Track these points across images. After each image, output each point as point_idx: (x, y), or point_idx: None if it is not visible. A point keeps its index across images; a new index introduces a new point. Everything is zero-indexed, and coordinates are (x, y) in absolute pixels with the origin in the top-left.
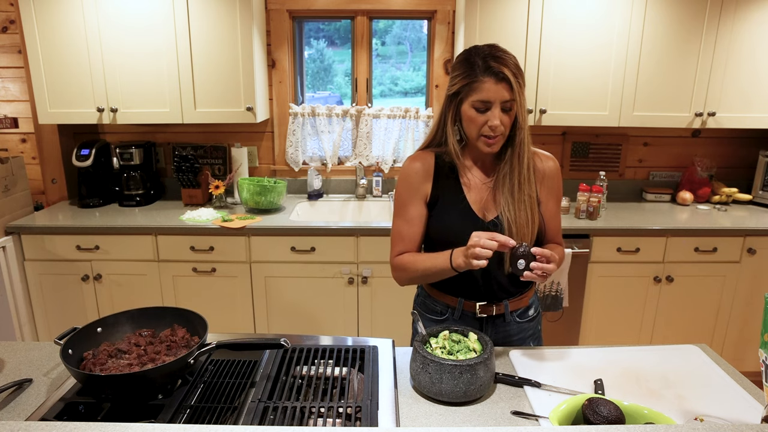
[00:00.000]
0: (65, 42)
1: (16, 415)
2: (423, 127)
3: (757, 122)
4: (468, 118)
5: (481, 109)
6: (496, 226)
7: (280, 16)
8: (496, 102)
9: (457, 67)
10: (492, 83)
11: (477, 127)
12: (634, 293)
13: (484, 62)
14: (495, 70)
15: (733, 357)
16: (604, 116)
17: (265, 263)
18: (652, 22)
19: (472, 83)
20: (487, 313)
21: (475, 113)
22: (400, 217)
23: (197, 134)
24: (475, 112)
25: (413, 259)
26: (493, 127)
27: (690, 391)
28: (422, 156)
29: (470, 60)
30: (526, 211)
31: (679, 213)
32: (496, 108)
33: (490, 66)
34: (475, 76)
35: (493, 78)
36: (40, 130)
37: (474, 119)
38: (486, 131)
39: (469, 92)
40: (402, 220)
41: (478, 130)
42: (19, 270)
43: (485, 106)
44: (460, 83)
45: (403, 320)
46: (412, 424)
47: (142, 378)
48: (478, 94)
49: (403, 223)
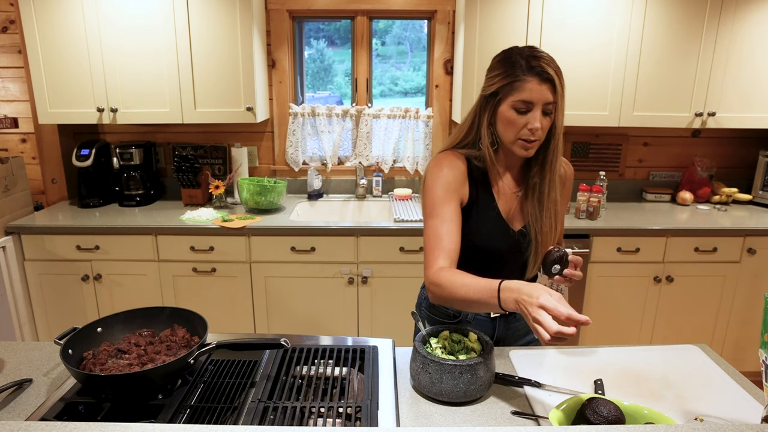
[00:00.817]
0: (65, 42)
1: (16, 415)
2: (423, 127)
3: (757, 122)
4: (506, 119)
5: (522, 110)
6: (524, 236)
7: (280, 16)
8: (539, 103)
9: (496, 66)
10: (536, 83)
11: (516, 129)
12: (634, 293)
13: (527, 62)
14: (539, 69)
15: (733, 357)
16: (604, 116)
17: (265, 263)
18: (652, 22)
19: (513, 82)
20: (500, 313)
21: (515, 114)
22: (437, 217)
23: (197, 134)
24: (515, 113)
25: (452, 279)
26: (533, 130)
27: (690, 391)
28: (454, 156)
29: (511, 59)
30: (550, 219)
31: (679, 213)
32: (538, 110)
33: (534, 66)
34: (518, 75)
35: (536, 78)
36: (40, 130)
37: (514, 121)
38: (525, 134)
39: (510, 92)
40: (439, 220)
41: (516, 133)
42: (19, 270)
43: (526, 107)
44: (500, 83)
45: (403, 320)
46: (412, 424)
47: (142, 378)
48: (519, 93)
49: (440, 222)
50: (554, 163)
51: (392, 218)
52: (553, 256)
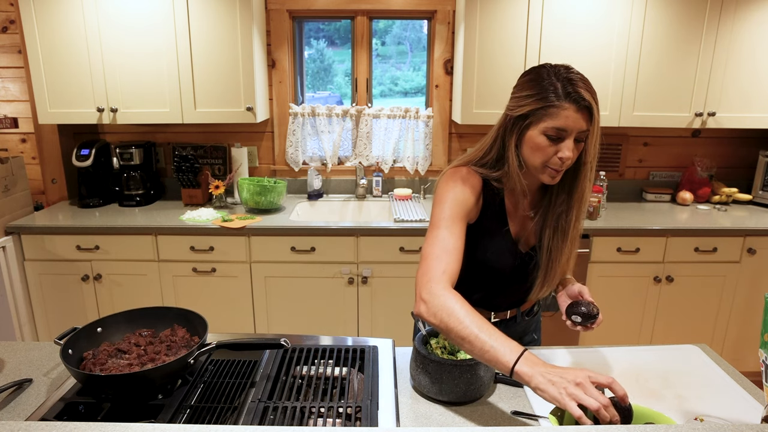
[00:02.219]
0: (65, 42)
1: (16, 415)
2: (423, 127)
3: (757, 122)
4: (535, 145)
5: (554, 137)
6: (531, 258)
7: (280, 16)
8: (573, 132)
9: (527, 86)
10: (572, 111)
11: (545, 156)
12: (634, 293)
13: (563, 86)
14: (575, 96)
15: (733, 357)
16: (604, 116)
17: (265, 263)
18: (652, 22)
19: (548, 107)
20: (501, 318)
21: (545, 141)
22: (445, 228)
23: (197, 134)
24: (546, 139)
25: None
26: (563, 159)
27: (690, 391)
28: (472, 173)
29: (544, 81)
30: (570, 250)
31: (679, 213)
32: (570, 139)
33: (571, 92)
34: (552, 100)
35: (574, 105)
36: (40, 130)
37: (543, 148)
38: (554, 163)
39: (543, 117)
40: (447, 232)
41: (544, 160)
42: (19, 270)
43: (559, 134)
44: (532, 105)
45: (403, 320)
46: (412, 424)
47: (142, 378)
48: (554, 120)
49: (448, 234)
50: (584, 192)
51: (392, 218)
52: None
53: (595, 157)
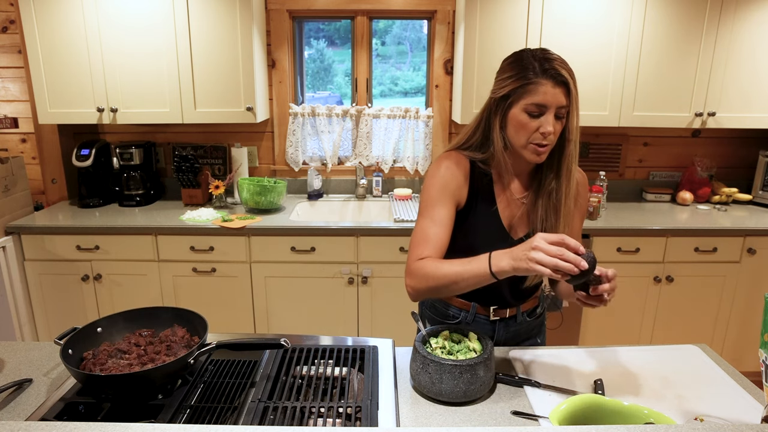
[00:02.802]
0: (65, 42)
1: (16, 415)
2: (423, 127)
3: (757, 122)
4: (518, 123)
5: (535, 113)
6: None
7: (280, 16)
8: (552, 107)
9: (508, 68)
10: (550, 86)
11: (527, 133)
12: (634, 293)
13: (540, 64)
14: (552, 72)
15: (733, 357)
16: (604, 116)
17: (265, 263)
18: (652, 22)
19: (526, 85)
20: (500, 316)
21: (527, 118)
22: (427, 218)
23: (197, 134)
24: (528, 116)
25: (438, 264)
26: (545, 134)
27: (690, 391)
28: (458, 157)
29: (523, 61)
30: (565, 229)
31: (679, 213)
32: (551, 113)
33: (547, 68)
34: (530, 77)
35: (551, 80)
36: (40, 130)
37: (525, 125)
38: (537, 138)
39: (523, 95)
40: (429, 221)
41: (528, 137)
42: (19, 270)
43: (539, 110)
44: (512, 85)
45: (403, 320)
46: (412, 424)
47: (142, 378)
48: (533, 96)
49: (430, 223)
50: (571, 169)
51: (392, 218)
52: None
53: (578, 134)
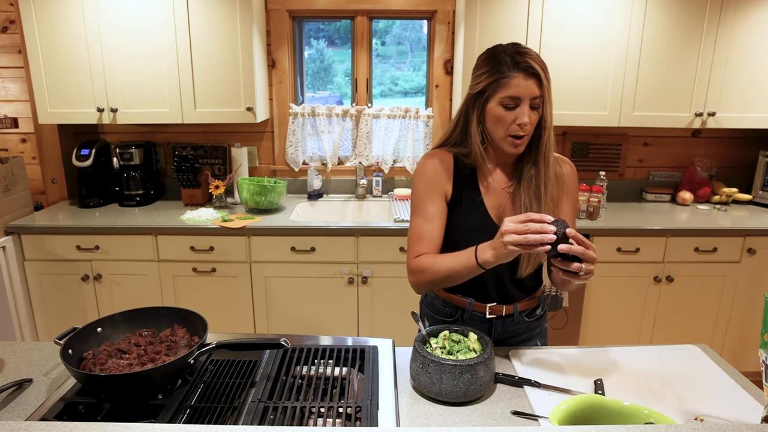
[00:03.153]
0: (65, 42)
1: (16, 415)
2: (423, 127)
3: (757, 122)
4: (495, 116)
5: (510, 106)
6: None
7: (280, 16)
8: (526, 98)
9: (482, 64)
10: (522, 78)
11: (505, 125)
12: (634, 293)
13: (512, 58)
14: (524, 65)
15: (733, 357)
16: (604, 116)
17: (265, 263)
18: (652, 22)
19: (500, 79)
20: (497, 314)
21: (503, 111)
22: (419, 215)
23: (197, 134)
24: (503, 109)
25: (433, 260)
26: (522, 125)
27: (690, 391)
28: (441, 154)
29: (496, 57)
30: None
31: (679, 213)
32: (525, 105)
33: (519, 61)
34: (504, 71)
35: (522, 73)
36: (40, 130)
37: (502, 117)
38: (514, 130)
39: (497, 89)
40: (421, 218)
41: (505, 129)
42: (19, 270)
43: (514, 102)
44: (486, 80)
45: (403, 320)
46: (412, 424)
47: (142, 378)
48: (506, 90)
49: (422, 221)
50: (548, 156)
51: (392, 218)
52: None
53: (552, 123)
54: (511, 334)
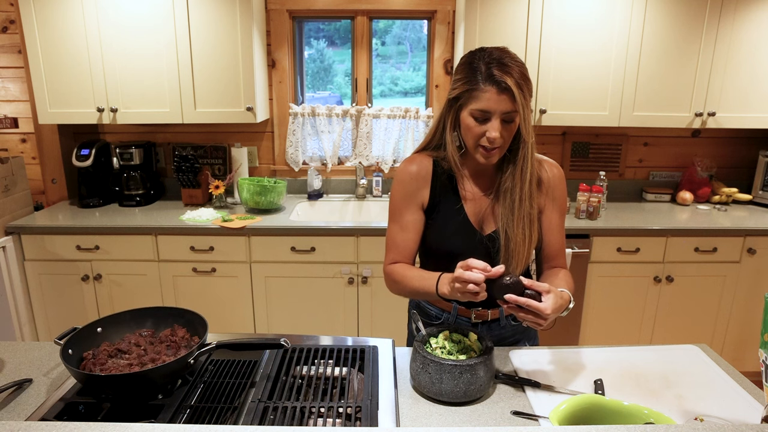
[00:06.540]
0: (65, 42)
1: (16, 415)
2: (423, 128)
3: (757, 122)
4: (466, 126)
5: (480, 118)
6: (493, 241)
7: (280, 16)
8: (496, 113)
9: (459, 70)
10: (493, 93)
11: (475, 137)
12: (634, 293)
13: (487, 69)
14: (497, 79)
15: (733, 357)
16: (604, 116)
17: (265, 263)
18: (652, 22)
19: (472, 90)
20: (483, 319)
21: (473, 122)
22: (395, 222)
23: (197, 134)
24: (474, 121)
25: (403, 274)
26: (491, 140)
27: (690, 391)
28: (419, 159)
29: (473, 65)
30: (524, 229)
31: (679, 213)
32: (496, 119)
33: (493, 74)
34: (476, 83)
35: (495, 87)
36: (40, 130)
37: (472, 128)
38: (484, 142)
39: (469, 99)
40: (397, 226)
41: (475, 140)
42: (19, 270)
43: (484, 116)
44: (461, 88)
45: (403, 320)
46: (412, 424)
47: (143, 378)
48: (477, 102)
49: (398, 229)
50: (525, 171)
51: None
52: (502, 283)
53: (533, 136)
54: (497, 338)
